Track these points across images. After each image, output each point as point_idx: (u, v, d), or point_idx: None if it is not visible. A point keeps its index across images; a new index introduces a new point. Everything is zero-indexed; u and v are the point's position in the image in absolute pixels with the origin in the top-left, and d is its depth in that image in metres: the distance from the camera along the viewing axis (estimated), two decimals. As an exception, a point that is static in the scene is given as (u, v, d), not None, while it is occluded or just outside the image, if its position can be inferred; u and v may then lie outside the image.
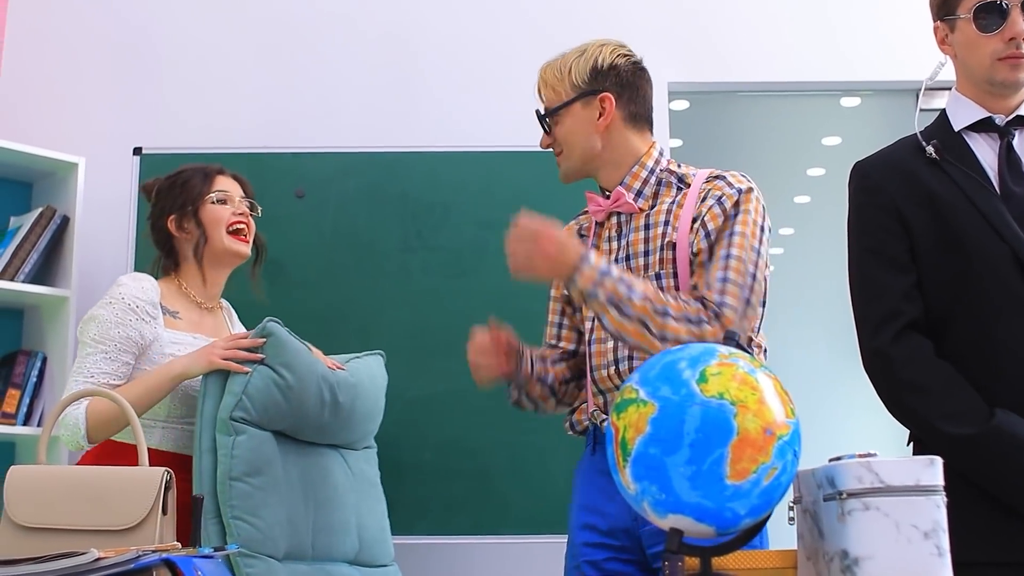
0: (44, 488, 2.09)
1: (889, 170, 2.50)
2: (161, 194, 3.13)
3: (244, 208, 3.12)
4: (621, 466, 1.73)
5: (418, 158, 4.02)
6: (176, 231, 3.09)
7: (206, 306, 3.11)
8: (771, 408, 1.70)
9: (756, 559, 2.02)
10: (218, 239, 3.06)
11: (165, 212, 3.10)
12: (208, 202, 3.08)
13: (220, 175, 3.15)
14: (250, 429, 2.91)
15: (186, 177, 3.12)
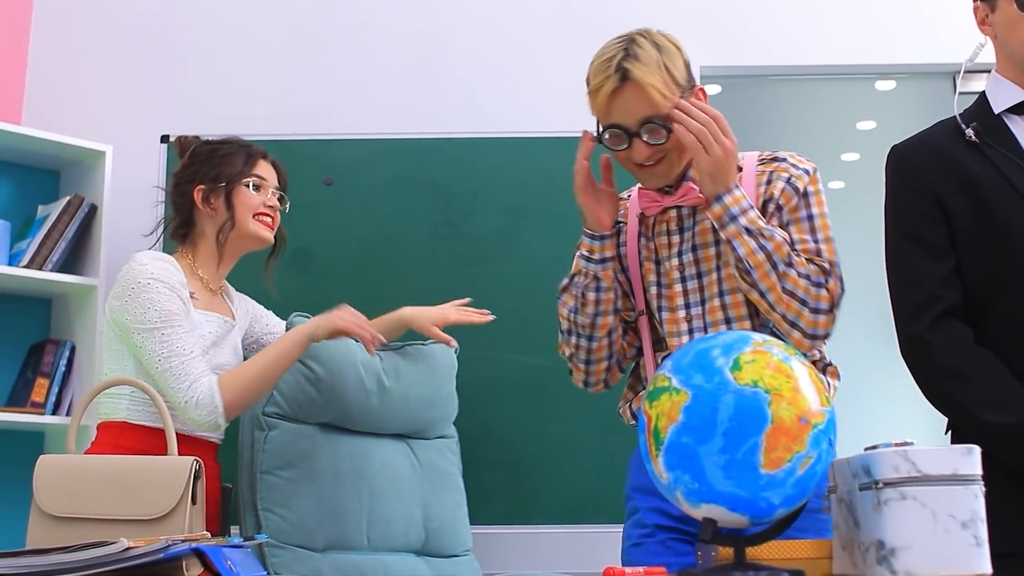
0: (73, 478, 2.10)
1: (927, 154, 2.48)
2: (197, 158, 3.09)
3: (275, 200, 3.09)
4: (654, 455, 1.73)
5: (447, 144, 4.02)
6: (201, 203, 3.04)
7: (213, 288, 3.06)
8: (806, 396, 1.69)
9: (791, 549, 2.02)
10: (244, 223, 3.02)
11: (196, 179, 3.05)
12: (243, 185, 3.04)
13: (263, 159, 3.11)
14: (282, 423, 2.97)
15: (229, 151, 3.07)
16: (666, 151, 2.51)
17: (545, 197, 3.89)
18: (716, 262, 2.56)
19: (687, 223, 2.60)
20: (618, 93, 2.46)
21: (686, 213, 2.61)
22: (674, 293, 2.58)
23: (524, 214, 3.90)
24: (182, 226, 3.08)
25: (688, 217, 2.61)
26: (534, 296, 3.72)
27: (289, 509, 2.94)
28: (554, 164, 3.93)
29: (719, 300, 2.55)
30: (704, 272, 2.57)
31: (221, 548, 1.87)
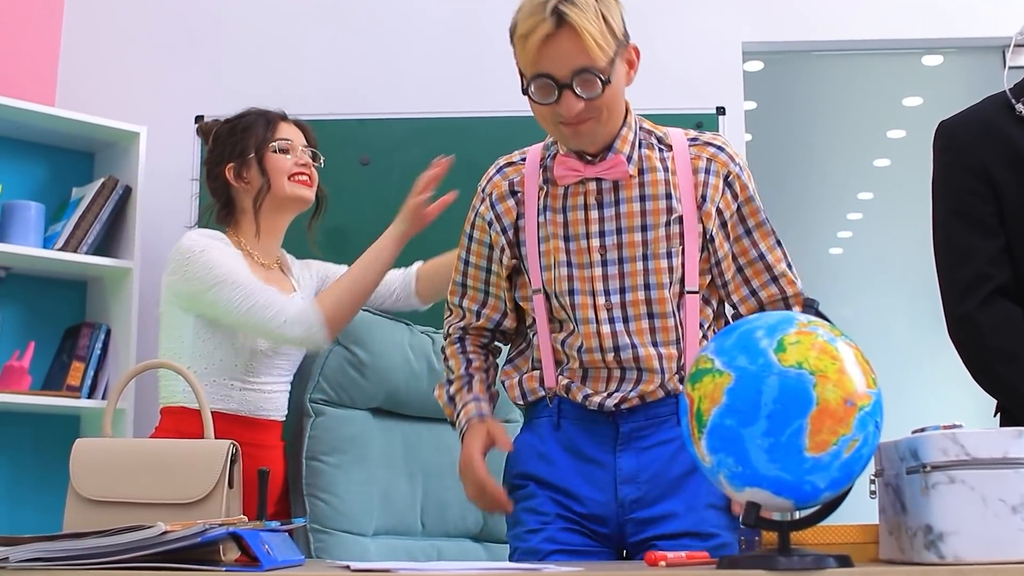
0: (110, 461, 2.11)
1: (976, 129, 2.46)
2: (220, 139, 3.11)
3: (307, 158, 3.09)
4: (696, 438, 1.72)
5: (485, 123, 4.01)
6: (235, 180, 3.06)
7: (265, 263, 3.07)
8: (852, 378, 1.68)
9: (836, 534, 2.01)
10: (280, 186, 3.03)
11: (224, 159, 3.07)
12: (270, 151, 3.04)
13: (283, 121, 3.12)
14: (329, 410, 3.01)
15: (247, 123, 3.09)
16: (597, 108, 2.35)
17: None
18: (643, 250, 2.43)
19: (608, 198, 2.45)
20: (552, 39, 2.29)
21: (607, 187, 2.45)
22: (594, 276, 2.44)
23: (563, 194, 3.88)
24: (224, 209, 3.11)
25: (609, 192, 2.45)
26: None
27: (333, 494, 2.97)
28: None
29: (643, 293, 2.43)
30: (627, 258, 2.44)
31: (259, 532, 1.88)
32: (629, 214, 2.44)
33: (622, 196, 2.45)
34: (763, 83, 4.93)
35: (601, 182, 2.45)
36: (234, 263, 2.88)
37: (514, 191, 2.55)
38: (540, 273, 2.49)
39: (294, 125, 3.15)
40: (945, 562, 1.70)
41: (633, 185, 2.45)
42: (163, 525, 1.76)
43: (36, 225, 3.93)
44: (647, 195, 2.45)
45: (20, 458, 3.95)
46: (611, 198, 2.45)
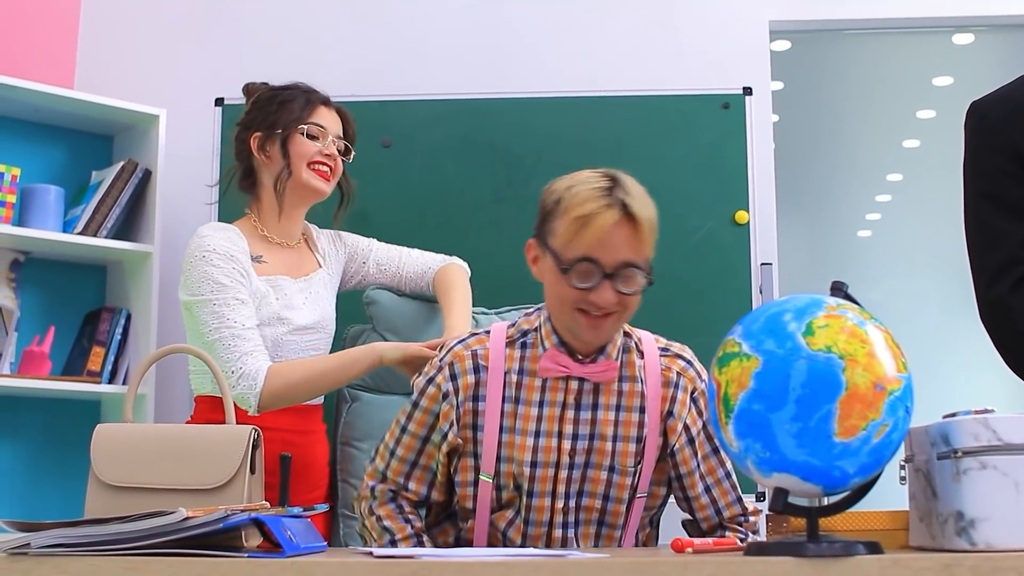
0: (131, 447, 2.12)
1: (1008, 110, 2.45)
2: (258, 104, 3.08)
3: (333, 149, 3.05)
4: (723, 423, 1.72)
5: (509, 104, 4.01)
6: (257, 151, 3.04)
7: (286, 244, 3.06)
8: (882, 362, 1.67)
9: (866, 520, 2.01)
10: (298, 172, 3.00)
11: (252, 126, 3.06)
12: (298, 132, 3.01)
13: (324, 106, 3.08)
14: (364, 395, 3.02)
15: (288, 97, 3.06)
16: (624, 306, 2.37)
17: (609, 159, 3.85)
18: (610, 461, 2.43)
19: (586, 400, 2.44)
20: (613, 227, 2.31)
21: (587, 389, 2.44)
22: (558, 477, 2.41)
23: (587, 176, 3.88)
24: (245, 176, 3.10)
25: (589, 394, 2.44)
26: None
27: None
28: (619, 124, 3.92)
29: (600, 502, 2.44)
30: (592, 464, 2.43)
31: (281, 518, 1.88)
32: (604, 421, 2.43)
33: (600, 402, 2.44)
34: (790, 63, 4.91)
35: (583, 383, 2.43)
36: (225, 280, 2.83)
37: (477, 367, 2.47)
38: (496, 464, 2.43)
39: (335, 112, 3.11)
40: (976, 549, 1.70)
41: (612, 392, 2.45)
42: (184, 511, 1.76)
43: (55, 209, 3.94)
44: (623, 406, 2.45)
45: (40, 444, 3.97)
46: (589, 401, 2.44)
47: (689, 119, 3.89)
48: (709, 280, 3.78)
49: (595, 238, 2.30)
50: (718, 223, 3.81)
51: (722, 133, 3.87)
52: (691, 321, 3.68)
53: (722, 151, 3.86)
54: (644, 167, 3.71)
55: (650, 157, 3.85)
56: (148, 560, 1.75)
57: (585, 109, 3.95)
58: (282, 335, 2.91)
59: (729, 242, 3.79)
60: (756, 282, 3.76)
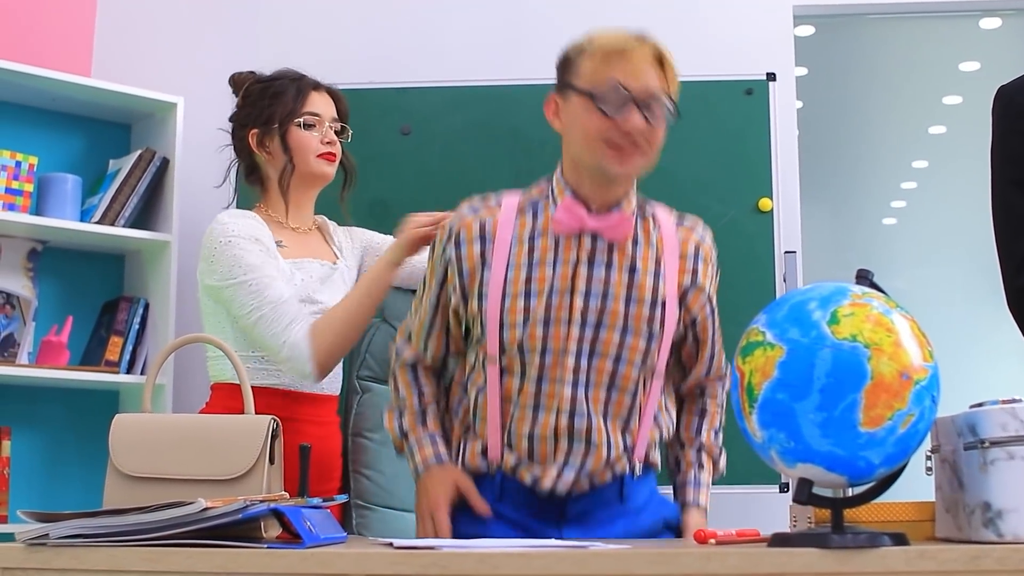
0: (149, 437, 2.12)
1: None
2: (249, 99, 3.08)
3: (332, 135, 3.05)
4: (747, 413, 1.71)
5: (530, 91, 3.98)
6: (257, 148, 3.04)
7: (301, 229, 3.07)
8: (908, 351, 1.67)
9: (891, 511, 2.00)
10: (305, 164, 3.01)
11: (248, 123, 3.06)
12: (295, 125, 3.01)
13: (315, 91, 3.07)
14: (376, 386, 3.04)
15: (279, 89, 3.05)
16: (650, 142, 2.38)
17: (631, 145, 3.87)
18: (623, 322, 2.40)
19: (600, 258, 2.42)
20: (637, 55, 2.34)
21: (601, 247, 2.42)
22: (570, 335, 2.38)
23: (608, 163, 3.87)
24: (250, 172, 3.11)
25: (603, 252, 2.42)
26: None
27: (377, 471, 3.01)
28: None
29: (611, 364, 2.40)
30: (605, 325, 2.39)
31: (300, 509, 1.89)
32: (618, 282, 2.41)
33: (613, 260, 2.42)
34: (815, 48, 4.89)
35: (597, 241, 2.42)
36: (256, 260, 2.85)
37: (484, 236, 2.46)
38: (500, 332, 2.41)
39: (326, 93, 3.10)
40: (1004, 540, 1.69)
41: (626, 254, 2.43)
42: (204, 501, 1.77)
43: (73, 198, 3.95)
44: (637, 268, 2.43)
45: (59, 434, 3.99)
46: (603, 259, 2.42)
47: (711, 105, 3.87)
48: (731, 268, 3.74)
49: (626, 66, 2.33)
50: (741, 211, 3.80)
51: (745, 119, 3.86)
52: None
53: (745, 138, 3.85)
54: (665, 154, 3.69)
55: (671, 144, 3.80)
56: (167, 551, 1.76)
57: (607, 95, 3.93)
58: (311, 315, 2.91)
59: (752, 230, 3.78)
60: (780, 270, 3.75)
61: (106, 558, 1.77)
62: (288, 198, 3.04)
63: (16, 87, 3.93)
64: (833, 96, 5.49)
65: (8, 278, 3.89)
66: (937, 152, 6.11)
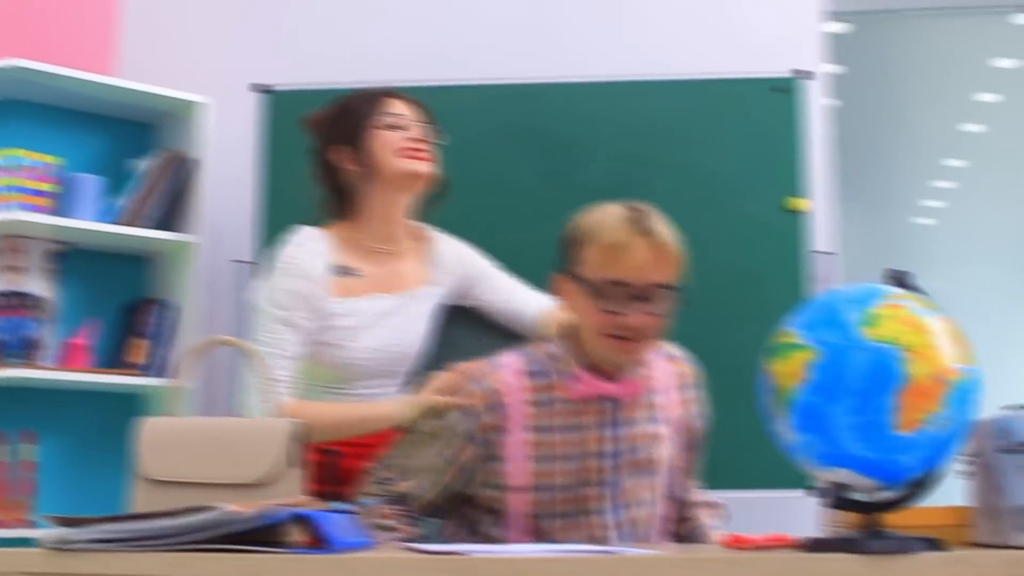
0: (175, 441, 2.13)
1: None
2: (325, 125, 3.00)
3: (418, 133, 2.97)
4: (778, 415, 1.71)
5: (556, 90, 4.00)
6: (348, 163, 2.95)
7: (388, 251, 2.98)
8: (943, 353, 1.66)
9: (927, 516, 1.99)
10: (389, 163, 2.92)
11: (328, 143, 2.97)
12: (375, 127, 2.93)
13: (388, 97, 2.99)
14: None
15: (351, 104, 2.98)
16: (655, 328, 2.46)
17: (661, 145, 3.86)
18: (648, 468, 2.53)
19: (621, 417, 2.51)
20: (642, 253, 2.41)
21: (611, 407, 2.50)
22: (601, 495, 2.47)
23: (638, 163, 3.87)
24: (335, 200, 3.00)
25: (613, 411, 2.51)
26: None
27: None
28: (670, 109, 3.90)
29: (636, 510, 2.52)
30: (625, 475, 2.50)
31: (325, 513, 1.89)
32: (632, 436, 2.51)
33: (634, 416, 2.52)
34: (848, 46, 4.88)
35: (610, 402, 2.50)
36: (292, 302, 2.83)
37: (494, 405, 2.49)
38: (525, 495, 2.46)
39: (404, 101, 3.01)
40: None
41: (641, 406, 2.54)
42: (228, 506, 1.77)
43: (96, 199, 3.96)
44: (653, 417, 2.55)
45: (81, 438, 4.00)
46: (623, 417, 2.51)
47: (741, 103, 3.86)
48: (759, 269, 3.76)
49: (627, 263, 2.40)
50: (770, 211, 3.78)
51: (775, 118, 3.85)
52: (741, 311, 3.68)
53: (775, 136, 3.84)
54: (695, 153, 3.70)
55: (701, 142, 3.83)
56: (191, 556, 1.76)
57: (635, 94, 3.93)
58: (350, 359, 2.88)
59: (782, 230, 3.77)
60: (812, 271, 3.73)
61: (129, 563, 1.78)
62: (370, 206, 2.95)
63: (39, 87, 3.95)
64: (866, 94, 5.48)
65: (31, 280, 3.91)
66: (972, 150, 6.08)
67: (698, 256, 3.70)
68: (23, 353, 3.80)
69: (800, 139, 3.80)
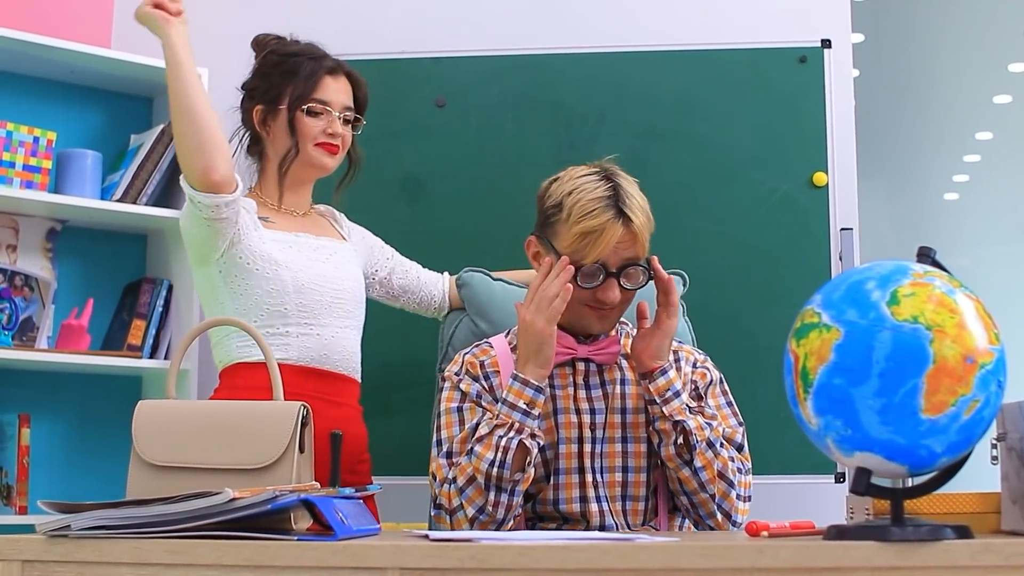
0: (174, 424, 2.13)
1: None
2: (263, 71, 3.12)
3: (338, 127, 3.05)
4: (801, 398, 1.71)
5: (570, 60, 3.99)
6: (259, 126, 3.08)
7: (295, 213, 3.09)
8: (972, 333, 1.66)
9: (954, 503, 1.99)
10: (305, 152, 3.03)
11: (255, 97, 3.09)
12: (302, 112, 3.02)
13: (330, 76, 3.07)
14: None
15: (292, 67, 3.07)
16: (628, 299, 2.67)
17: (678, 117, 3.85)
18: (622, 432, 2.66)
19: (593, 380, 2.70)
20: (614, 234, 2.58)
21: (592, 370, 2.71)
22: (583, 452, 2.63)
23: (655, 136, 3.86)
24: (253, 144, 3.14)
25: (594, 374, 2.70)
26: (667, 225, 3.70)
27: None
28: (688, 80, 3.89)
29: (620, 475, 2.64)
30: (607, 439, 2.66)
31: (332, 499, 1.89)
32: (613, 395, 2.68)
33: (606, 378, 2.70)
34: (873, 14, 4.86)
35: (589, 364, 2.70)
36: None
37: (487, 374, 2.71)
38: None
39: (344, 78, 3.10)
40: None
41: (615, 368, 2.72)
42: (231, 491, 1.78)
43: (93, 175, 3.96)
44: (627, 379, 2.70)
45: (80, 421, 4.01)
46: (596, 380, 2.70)
47: (762, 74, 3.85)
48: (784, 247, 3.75)
49: (601, 247, 2.58)
50: (794, 186, 3.77)
51: (798, 89, 3.83)
52: (765, 290, 3.67)
53: (798, 109, 3.82)
54: (714, 126, 3.69)
55: (720, 115, 3.82)
56: (193, 543, 1.77)
57: (651, 64, 3.92)
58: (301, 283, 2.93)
59: (806, 206, 3.76)
60: (836, 248, 3.72)
61: (130, 550, 1.79)
62: (284, 183, 3.06)
63: (33, 59, 3.94)
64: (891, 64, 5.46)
65: (26, 259, 3.91)
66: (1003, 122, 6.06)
67: (718, 234, 3.73)
68: (18, 335, 3.81)
69: (826, 112, 3.79)
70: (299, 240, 3.00)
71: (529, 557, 1.70)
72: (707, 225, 3.71)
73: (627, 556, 1.69)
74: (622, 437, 2.65)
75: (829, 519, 1.90)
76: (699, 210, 3.73)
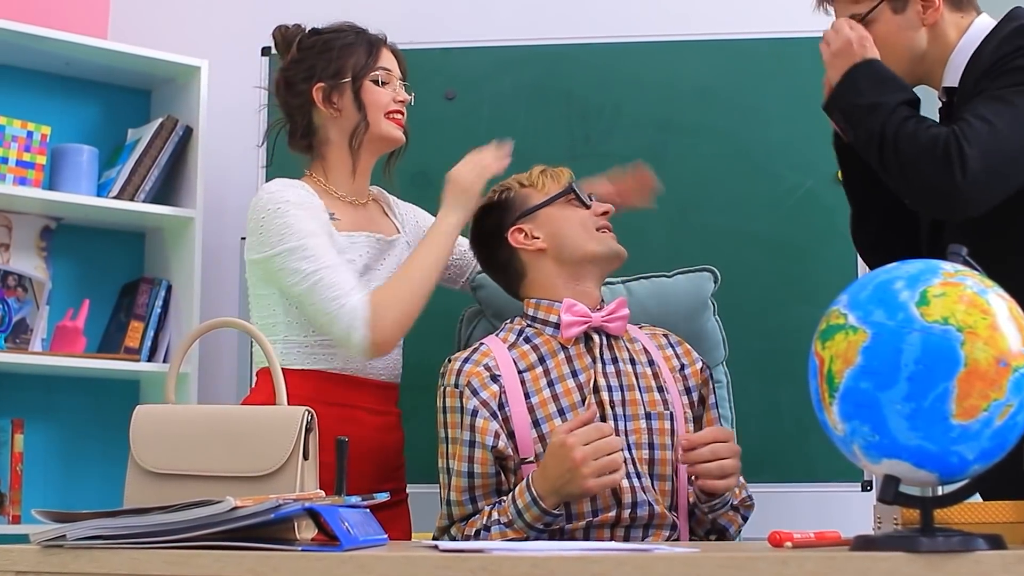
0: (173, 430, 2.13)
1: None
2: (310, 52, 3.04)
3: (403, 94, 3.05)
4: (827, 403, 1.71)
5: (585, 51, 3.99)
6: (323, 104, 2.99)
7: (358, 202, 3.05)
8: (1005, 335, 1.65)
9: (986, 512, 1.99)
10: (377, 123, 2.99)
11: (313, 76, 3.00)
12: (370, 80, 2.99)
13: (385, 48, 3.07)
14: None
15: (347, 42, 3.03)
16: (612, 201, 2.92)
17: (698, 109, 3.85)
18: (644, 409, 2.71)
19: (607, 355, 2.76)
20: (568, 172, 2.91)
21: (605, 344, 2.77)
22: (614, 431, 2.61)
23: (674, 129, 3.86)
24: (304, 134, 3.05)
25: (607, 349, 2.77)
26: (684, 220, 3.70)
27: None
28: (707, 71, 3.88)
29: (647, 451, 2.68)
30: (630, 416, 2.71)
31: (337, 508, 1.89)
32: (626, 373, 2.75)
33: (617, 356, 2.77)
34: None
35: (601, 338, 2.76)
36: (309, 226, 2.82)
37: (494, 377, 2.70)
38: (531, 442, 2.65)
39: (392, 53, 3.10)
40: (1112, 544, 1.68)
41: (622, 347, 2.79)
42: (233, 500, 1.78)
43: (89, 171, 3.97)
44: (635, 359, 2.79)
45: (75, 427, 4.03)
46: (609, 355, 2.76)
47: (786, 64, 3.84)
48: (809, 244, 3.75)
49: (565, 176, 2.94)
50: (819, 181, 3.77)
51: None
52: (790, 289, 3.67)
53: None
54: (735, 119, 3.69)
55: (742, 108, 3.82)
56: (193, 553, 1.77)
57: (670, 54, 3.92)
58: None
59: (832, 202, 3.75)
60: (864, 247, 3.72)
61: (127, 561, 1.79)
62: (358, 159, 3.02)
63: (26, 51, 3.95)
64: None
65: (20, 258, 3.93)
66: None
67: (740, 231, 3.72)
68: (11, 337, 3.82)
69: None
70: (357, 244, 2.94)
71: (544, 568, 1.70)
72: (728, 222, 3.70)
73: (645, 567, 1.69)
74: (645, 414, 2.69)
75: (855, 529, 1.90)
76: (720, 206, 3.73)
